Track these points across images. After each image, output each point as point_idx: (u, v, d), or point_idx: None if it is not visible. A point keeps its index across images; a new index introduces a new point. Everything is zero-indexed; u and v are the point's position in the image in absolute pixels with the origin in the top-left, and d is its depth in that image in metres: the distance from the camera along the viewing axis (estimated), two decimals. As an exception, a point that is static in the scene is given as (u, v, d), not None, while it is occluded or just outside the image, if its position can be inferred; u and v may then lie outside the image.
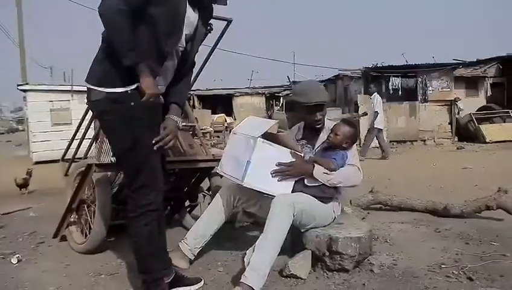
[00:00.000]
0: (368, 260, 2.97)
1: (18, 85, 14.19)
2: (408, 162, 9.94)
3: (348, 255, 2.73)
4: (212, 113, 22.01)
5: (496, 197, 4.04)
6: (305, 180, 2.84)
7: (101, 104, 2.26)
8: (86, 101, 2.38)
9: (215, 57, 3.42)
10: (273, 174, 2.73)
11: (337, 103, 19.47)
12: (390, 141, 14.77)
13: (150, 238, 2.35)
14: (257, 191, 2.77)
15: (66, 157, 4.50)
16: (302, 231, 2.90)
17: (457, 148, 12.70)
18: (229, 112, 25.50)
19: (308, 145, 3.09)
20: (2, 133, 41.72)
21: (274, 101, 27.40)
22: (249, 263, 2.50)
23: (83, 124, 3.90)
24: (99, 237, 3.31)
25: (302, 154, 2.90)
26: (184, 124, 4.04)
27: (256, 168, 2.67)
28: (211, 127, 18.11)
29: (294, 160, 2.79)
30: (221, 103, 24.76)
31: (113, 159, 3.43)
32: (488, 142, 13.68)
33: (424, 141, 15.17)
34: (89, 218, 3.46)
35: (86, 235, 3.48)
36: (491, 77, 17.01)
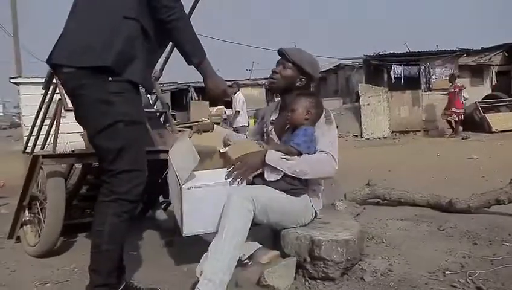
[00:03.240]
0: (359, 264, 2.53)
1: (10, 78, 13.81)
2: (411, 153, 9.47)
3: (333, 262, 2.27)
4: (210, 105, 21.48)
5: (507, 190, 3.58)
6: (265, 175, 2.36)
7: (75, 78, 1.92)
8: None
9: (213, 47, 2.95)
10: (227, 177, 2.28)
11: (339, 93, 18.98)
12: (393, 132, 14.30)
13: (116, 233, 1.98)
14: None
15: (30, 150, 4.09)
16: (279, 230, 2.46)
17: (462, 138, 12.20)
18: (229, 104, 25.00)
19: (273, 133, 2.67)
20: (5, 128, 41.47)
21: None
22: (201, 272, 2.06)
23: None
24: (51, 239, 2.91)
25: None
26: (153, 110, 3.63)
27: (191, 215, 2.23)
28: (208, 119, 17.63)
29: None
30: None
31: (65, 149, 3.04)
32: (494, 132, 13.13)
33: (428, 131, 14.65)
34: (42, 217, 3.04)
35: (39, 236, 3.07)
36: (496, 65, 16.50)
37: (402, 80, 14.93)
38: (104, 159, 1.98)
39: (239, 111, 10.48)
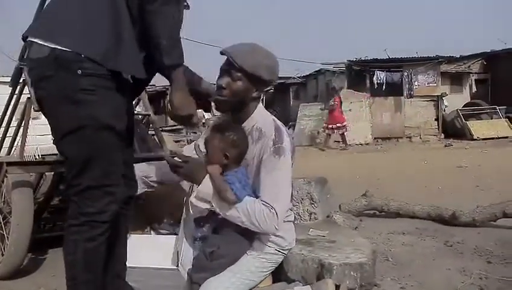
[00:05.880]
0: (370, 288, 2.25)
1: (-21, 77, 13.22)
2: (396, 160, 9.30)
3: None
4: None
5: (515, 203, 3.36)
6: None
7: (41, 66, 1.57)
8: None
9: (189, 50, 2.20)
10: None
11: (319, 99, 18.80)
12: (375, 138, 14.18)
13: (92, 261, 1.63)
14: None
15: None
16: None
17: (445, 146, 12.13)
18: (208, 108, 24.58)
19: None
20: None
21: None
22: None
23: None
24: (16, 258, 2.55)
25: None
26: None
27: None
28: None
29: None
30: (198, 98, 23.79)
31: (36, 156, 2.69)
32: (476, 139, 13.13)
33: (410, 137, 14.56)
34: (5, 233, 2.66)
35: (2, 255, 2.70)
36: (475, 73, 16.61)
37: (384, 86, 14.84)
38: (69, 171, 1.64)
39: None
